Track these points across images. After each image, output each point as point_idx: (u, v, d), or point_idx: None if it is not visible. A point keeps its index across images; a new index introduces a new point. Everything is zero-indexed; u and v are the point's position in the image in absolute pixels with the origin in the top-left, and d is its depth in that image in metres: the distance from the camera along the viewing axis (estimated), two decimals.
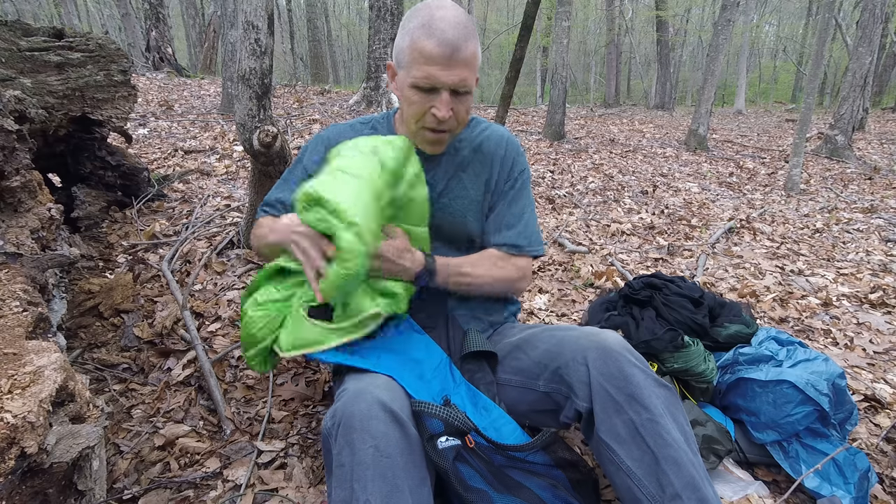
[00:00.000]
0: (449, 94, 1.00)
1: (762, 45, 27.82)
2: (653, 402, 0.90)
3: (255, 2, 1.93)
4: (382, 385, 0.92)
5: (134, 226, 2.61)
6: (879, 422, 1.53)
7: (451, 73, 0.97)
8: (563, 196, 4.49)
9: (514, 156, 1.22)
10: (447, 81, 0.98)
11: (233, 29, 4.79)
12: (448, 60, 0.96)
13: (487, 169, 1.20)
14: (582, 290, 2.51)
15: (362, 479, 0.80)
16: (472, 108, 1.08)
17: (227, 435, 1.35)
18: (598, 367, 0.94)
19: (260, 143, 2.00)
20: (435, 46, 0.95)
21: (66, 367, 0.90)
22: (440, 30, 0.95)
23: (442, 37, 0.95)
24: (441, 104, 1.00)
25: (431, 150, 1.12)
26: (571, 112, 12.91)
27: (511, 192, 1.22)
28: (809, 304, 2.40)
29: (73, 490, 0.87)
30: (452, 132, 1.09)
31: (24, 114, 1.76)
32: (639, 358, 0.96)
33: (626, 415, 0.90)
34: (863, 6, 7.05)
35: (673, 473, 0.84)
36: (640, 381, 0.92)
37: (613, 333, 1.01)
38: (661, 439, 0.87)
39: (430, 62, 0.96)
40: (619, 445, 0.89)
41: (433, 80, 0.98)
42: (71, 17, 13.83)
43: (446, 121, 1.03)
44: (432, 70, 0.97)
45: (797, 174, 5.14)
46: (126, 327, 1.73)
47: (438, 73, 0.97)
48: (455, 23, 0.96)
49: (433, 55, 0.95)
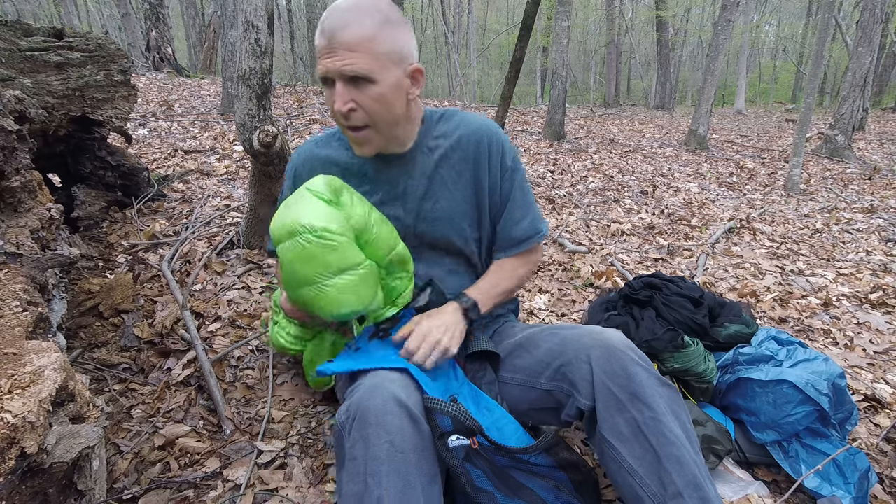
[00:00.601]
0: (343, 85, 0.94)
1: (762, 45, 27.81)
2: (656, 400, 0.90)
3: (255, 2, 1.93)
4: (397, 380, 0.92)
5: (134, 226, 2.61)
6: (879, 422, 1.53)
7: (334, 58, 0.92)
8: (563, 196, 4.49)
9: (500, 146, 1.15)
10: (331, 68, 0.93)
11: (233, 29, 4.79)
12: (329, 46, 0.92)
13: (472, 167, 1.13)
14: (582, 290, 2.51)
15: (377, 473, 0.80)
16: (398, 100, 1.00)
17: (227, 435, 1.35)
18: (602, 366, 0.94)
19: (260, 143, 2.00)
20: (318, 36, 0.94)
21: (66, 367, 0.90)
22: (324, 19, 0.94)
23: (323, 25, 0.93)
24: (336, 96, 0.95)
25: (358, 151, 1.07)
26: (571, 112, 12.91)
27: (512, 187, 1.18)
28: (809, 304, 2.40)
29: (73, 490, 0.87)
30: (375, 128, 1.01)
31: (24, 114, 1.76)
32: (642, 356, 0.96)
33: (629, 413, 0.90)
34: (863, 6, 7.05)
35: (675, 472, 0.84)
36: (643, 379, 0.91)
37: (617, 332, 1.01)
38: (664, 437, 0.87)
39: (319, 54, 0.94)
40: (622, 443, 0.89)
41: (322, 71, 0.95)
42: (71, 17, 13.83)
43: (350, 114, 0.97)
44: (321, 61, 0.94)
45: (797, 174, 5.14)
46: (126, 327, 1.73)
47: (323, 62, 0.94)
48: (344, 8, 0.92)
49: (319, 46, 0.94)
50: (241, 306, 2.00)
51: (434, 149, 1.13)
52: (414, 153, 1.12)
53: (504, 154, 1.15)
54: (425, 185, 1.13)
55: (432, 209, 1.13)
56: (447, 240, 1.16)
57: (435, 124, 1.15)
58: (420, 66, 1.02)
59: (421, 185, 1.12)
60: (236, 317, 1.91)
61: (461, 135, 1.13)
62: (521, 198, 1.19)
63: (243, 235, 2.46)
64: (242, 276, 2.23)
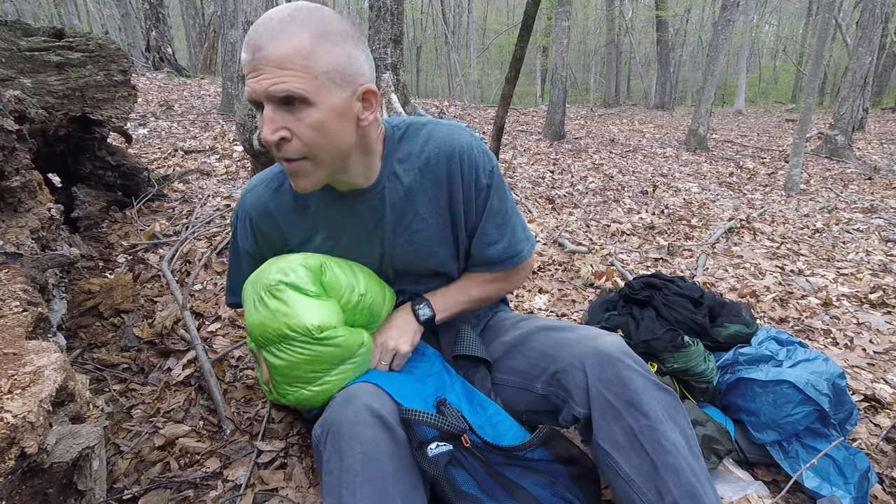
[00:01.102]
0: (273, 108, 0.79)
1: (762, 45, 27.81)
2: (652, 407, 0.89)
3: (255, 2, 1.94)
4: (370, 391, 0.90)
5: (134, 226, 2.61)
6: (879, 422, 1.53)
7: (260, 77, 0.77)
8: (563, 196, 4.49)
9: (472, 162, 1.00)
10: (257, 88, 0.77)
11: (233, 29, 4.79)
12: (254, 62, 0.77)
13: (444, 190, 1.01)
14: (582, 290, 2.51)
15: (351, 485, 0.79)
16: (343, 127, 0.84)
17: (227, 435, 1.35)
18: (596, 374, 0.93)
19: (260, 143, 2.00)
20: (243, 53, 0.79)
21: (66, 367, 0.90)
22: (250, 33, 0.79)
23: (248, 41, 0.78)
24: (264, 121, 0.79)
25: (295, 185, 0.88)
26: (571, 112, 12.91)
27: (485, 206, 1.04)
28: (809, 304, 2.40)
29: (73, 490, 0.87)
30: (314, 160, 0.84)
31: (24, 114, 1.76)
32: (638, 361, 0.95)
33: (625, 421, 0.89)
34: (863, 6, 7.05)
35: (672, 481, 0.84)
36: (638, 386, 0.90)
37: (612, 336, 1.00)
38: (660, 446, 0.86)
39: (245, 72, 0.79)
40: (618, 452, 0.89)
41: (248, 93, 0.79)
42: (71, 17, 13.83)
43: (282, 144, 0.81)
44: (247, 81, 0.79)
45: (797, 174, 5.14)
46: (126, 327, 1.73)
47: (249, 82, 0.79)
48: (275, 18, 0.77)
49: (245, 64, 0.79)
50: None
51: (400, 175, 0.99)
52: (380, 184, 0.99)
53: (477, 170, 1.00)
54: (396, 219, 1.02)
55: (408, 241, 1.04)
56: (426, 267, 1.10)
57: (397, 144, 1.00)
58: (373, 87, 0.86)
59: (392, 220, 1.01)
60: (236, 317, 1.91)
61: (429, 156, 0.99)
62: (497, 218, 1.06)
63: None
64: None
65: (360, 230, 1.03)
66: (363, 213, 1.01)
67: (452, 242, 1.09)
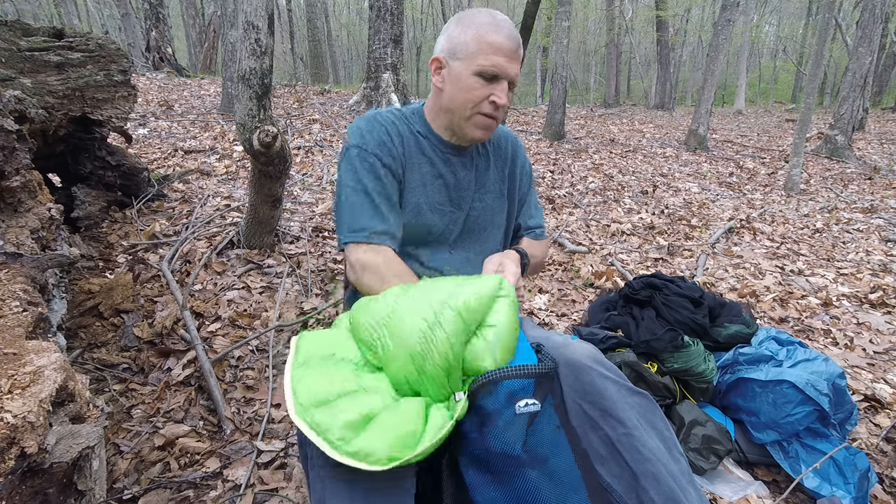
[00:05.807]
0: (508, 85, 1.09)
1: (762, 45, 27.79)
2: (627, 414, 0.90)
3: (255, 2, 1.93)
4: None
5: (134, 226, 2.61)
6: (879, 422, 1.53)
7: (513, 65, 1.08)
8: (563, 196, 4.49)
9: (522, 148, 1.32)
10: (510, 72, 1.07)
11: (233, 29, 4.79)
12: (513, 54, 1.07)
13: (503, 163, 1.26)
14: (582, 290, 2.51)
15: (332, 485, 0.80)
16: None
17: (227, 435, 1.35)
18: (570, 384, 0.93)
19: (260, 143, 2.00)
20: (505, 40, 1.06)
21: (66, 367, 0.90)
22: (507, 28, 1.07)
23: (510, 33, 1.07)
24: (502, 92, 1.08)
25: (482, 135, 1.15)
26: (571, 112, 12.90)
27: (530, 187, 1.33)
28: (809, 304, 2.40)
29: (73, 490, 0.87)
30: (498, 121, 1.15)
31: (24, 114, 1.76)
32: (610, 367, 0.95)
33: (602, 430, 0.90)
34: (863, 6, 7.05)
35: (652, 489, 0.85)
36: (612, 393, 0.91)
37: (582, 344, 0.99)
38: (638, 454, 0.87)
39: (498, 52, 1.05)
40: (599, 464, 0.89)
41: (499, 69, 1.06)
42: (71, 17, 13.83)
43: (500, 109, 1.10)
44: (499, 60, 1.06)
45: (797, 174, 5.14)
46: (126, 327, 1.73)
47: (505, 64, 1.06)
48: (509, 22, 1.10)
49: (503, 47, 1.05)
50: (241, 306, 2.00)
51: (480, 146, 1.24)
52: (470, 148, 1.21)
53: (526, 159, 1.31)
54: (476, 179, 1.22)
55: (481, 201, 1.22)
56: (486, 231, 1.24)
57: None
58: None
59: (473, 179, 1.21)
60: (236, 317, 1.91)
61: (498, 137, 1.27)
62: (532, 197, 1.34)
63: (243, 235, 2.46)
64: (242, 276, 2.23)
65: (451, 179, 1.20)
66: (456, 166, 1.20)
67: (507, 213, 1.29)
